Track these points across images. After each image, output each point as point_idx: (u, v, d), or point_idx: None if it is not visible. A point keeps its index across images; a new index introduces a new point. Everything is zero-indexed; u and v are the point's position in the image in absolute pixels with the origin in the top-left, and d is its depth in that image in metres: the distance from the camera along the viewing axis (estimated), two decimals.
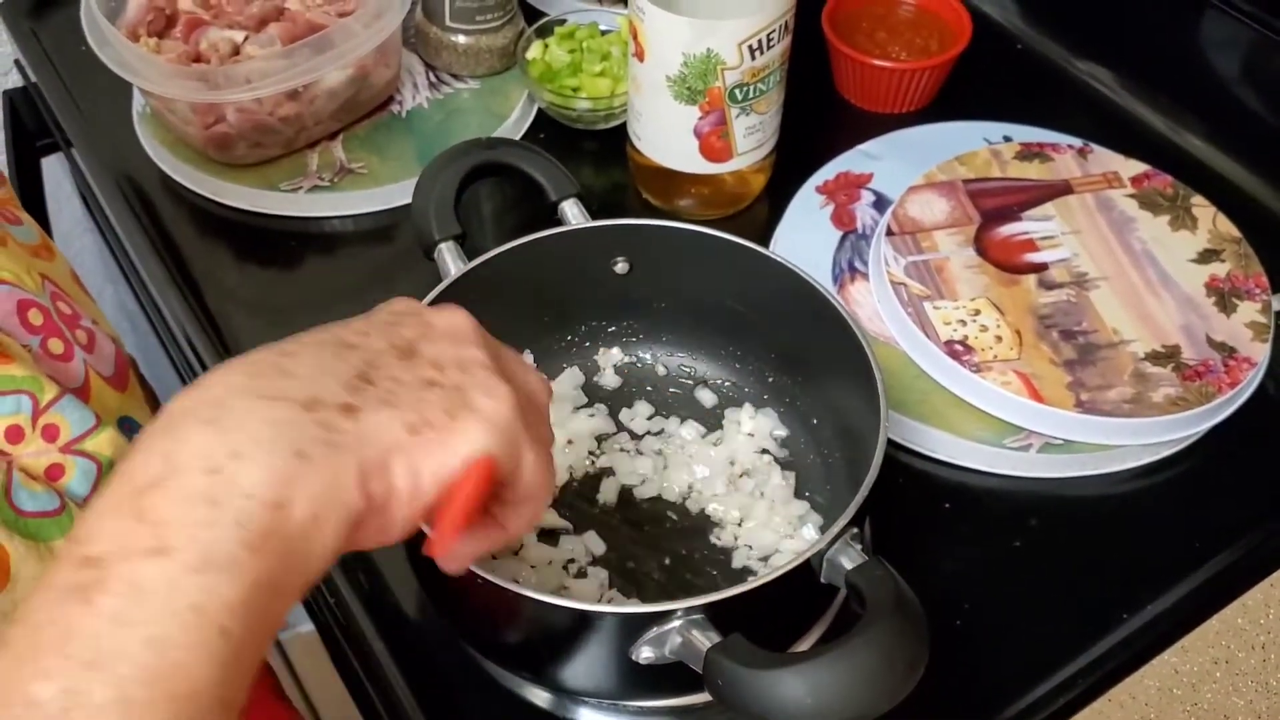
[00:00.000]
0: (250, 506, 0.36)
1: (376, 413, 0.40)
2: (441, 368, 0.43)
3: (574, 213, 0.70)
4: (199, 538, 0.35)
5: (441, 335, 0.45)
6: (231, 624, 0.35)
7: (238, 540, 0.36)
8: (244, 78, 0.77)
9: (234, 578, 0.36)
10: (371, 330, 0.44)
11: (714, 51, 0.72)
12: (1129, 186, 0.79)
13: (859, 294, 0.77)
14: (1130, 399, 0.68)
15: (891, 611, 0.48)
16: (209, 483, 0.36)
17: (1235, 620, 0.65)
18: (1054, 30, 0.95)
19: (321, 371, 0.41)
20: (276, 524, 0.37)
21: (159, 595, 0.35)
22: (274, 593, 0.37)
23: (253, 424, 0.38)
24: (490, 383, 0.44)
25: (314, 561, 0.38)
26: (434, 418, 0.41)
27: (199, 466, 0.37)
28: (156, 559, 0.35)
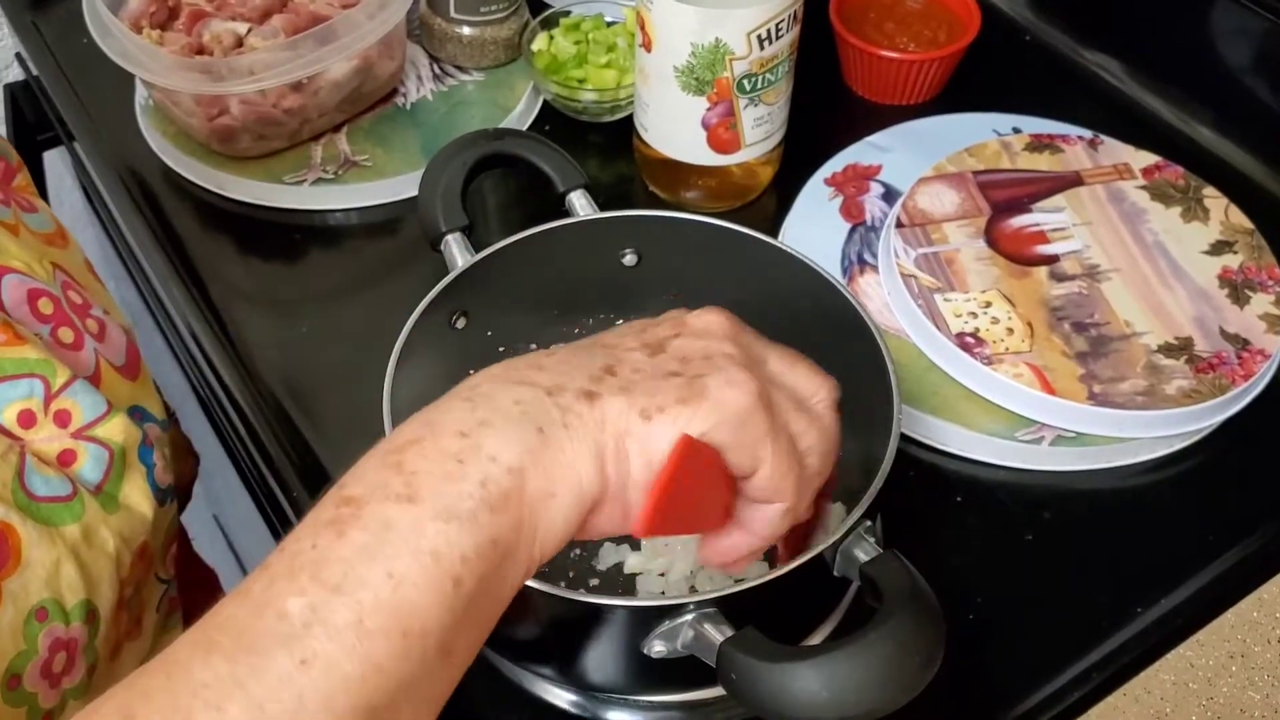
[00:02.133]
0: (493, 469, 0.40)
1: (613, 399, 0.42)
2: (687, 360, 0.45)
3: (582, 204, 0.70)
4: (445, 490, 0.39)
5: (694, 331, 0.47)
6: (465, 575, 0.38)
7: (479, 498, 0.39)
8: (247, 69, 0.77)
9: (472, 532, 0.39)
10: (629, 332, 0.47)
11: (722, 41, 0.71)
12: (1140, 178, 0.79)
13: (868, 286, 0.76)
14: (1143, 391, 0.67)
15: (908, 604, 0.47)
16: (459, 444, 0.40)
17: (1251, 614, 0.64)
18: (1063, 21, 0.94)
19: (570, 366, 0.44)
20: (515, 488, 0.40)
21: (404, 536, 0.38)
22: (506, 557, 0.40)
23: (502, 401, 0.42)
24: (731, 372, 0.44)
25: (547, 535, 0.41)
26: (666, 403, 0.43)
27: (452, 430, 0.41)
28: (405, 504, 0.39)
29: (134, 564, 0.56)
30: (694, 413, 0.43)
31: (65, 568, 0.51)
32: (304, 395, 0.73)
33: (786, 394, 0.47)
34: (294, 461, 0.69)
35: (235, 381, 0.73)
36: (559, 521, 0.41)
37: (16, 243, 0.57)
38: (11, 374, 0.52)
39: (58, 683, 0.51)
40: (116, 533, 0.54)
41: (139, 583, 0.58)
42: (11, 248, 0.57)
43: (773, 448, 0.44)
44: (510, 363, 0.45)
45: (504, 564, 0.40)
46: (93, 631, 0.53)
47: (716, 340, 0.46)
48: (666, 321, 0.48)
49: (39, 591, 0.50)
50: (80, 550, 0.52)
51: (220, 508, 1.20)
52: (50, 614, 0.51)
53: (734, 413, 0.43)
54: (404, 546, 0.38)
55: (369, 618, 0.37)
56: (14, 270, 0.56)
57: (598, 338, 0.47)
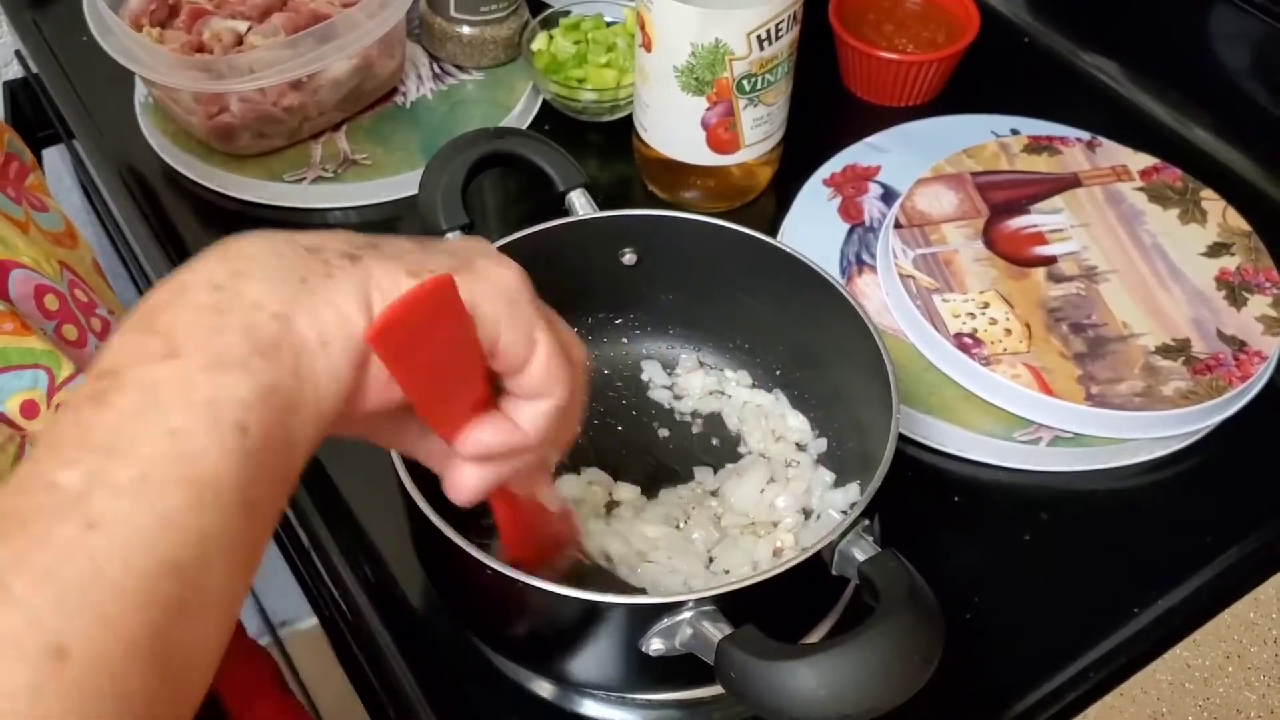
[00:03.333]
0: (258, 317, 0.37)
1: (378, 261, 0.40)
2: (456, 254, 0.42)
3: (581, 203, 0.70)
4: (209, 342, 0.36)
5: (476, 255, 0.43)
6: (248, 420, 0.36)
7: (247, 345, 0.37)
8: (247, 67, 0.77)
9: (246, 377, 0.36)
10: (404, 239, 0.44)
11: (722, 42, 0.71)
12: (1138, 180, 0.79)
13: (867, 287, 0.76)
14: (1140, 392, 0.68)
15: (906, 603, 0.47)
16: (216, 297, 0.37)
17: (1247, 615, 0.64)
18: (1061, 23, 0.94)
19: (330, 238, 0.41)
20: (283, 334, 0.37)
21: (174, 391, 0.35)
22: (290, 407, 0.37)
23: (258, 254, 0.39)
24: (506, 262, 0.42)
25: (327, 385, 0.38)
26: (436, 266, 0.41)
27: (205, 285, 0.38)
28: (169, 361, 0.36)
29: None
30: (463, 278, 0.41)
31: None
32: None
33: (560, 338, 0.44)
34: None
35: None
36: (337, 369, 0.39)
37: (25, 240, 0.58)
38: (17, 364, 0.52)
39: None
40: None
41: None
42: (20, 244, 0.57)
43: (546, 335, 0.43)
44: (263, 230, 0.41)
45: (289, 415, 0.37)
46: None
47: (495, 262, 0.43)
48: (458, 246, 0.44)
49: None
50: None
51: None
52: None
53: (505, 288, 0.42)
54: (176, 400, 0.35)
55: (153, 470, 0.34)
56: (22, 265, 0.56)
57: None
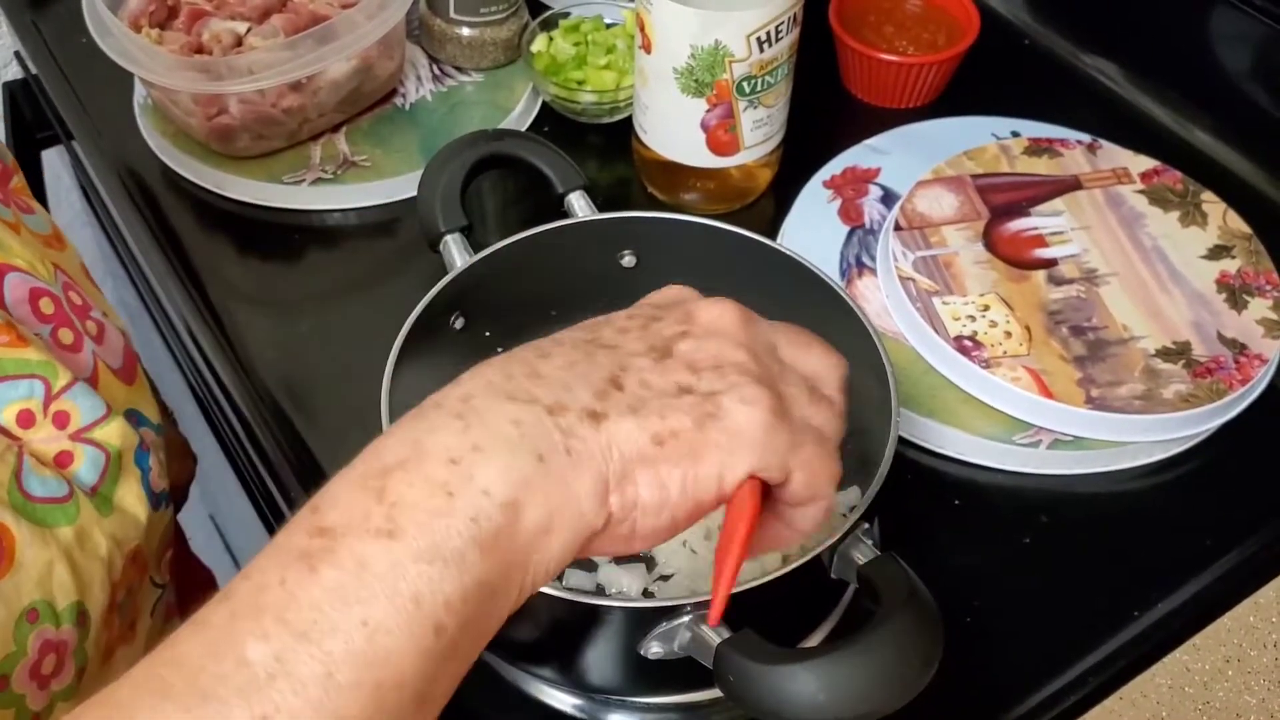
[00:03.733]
0: (486, 503, 0.36)
1: (621, 420, 0.39)
2: (697, 370, 0.41)
3: (581, 205, 0.70)
4: (430, 527, 0.35)
5: (703, 331, 0.43)
6: (448, 621, 0.35)
7: (468, 536, 0.35)
8: (246, 69, 0.77)
9: (458, 574, 0.35)
10: (632, 328, 0.43)
11: (722, 43, 0.71)
12: (1138, 182, 0.79)
13: (867, 289, 0.76)
14: (1141, 395, 0.67)
15: (906, 606, 0.47)
16: (448, 473, 0.36)
17: (1247, 618, 0.64)
18: (1062, 25, 0.94)
19: (573, 375, 0.40)
20: (508, 524, 0.36)
21: (382, 577, 0.34)
22: (494, 596, 0.36)
23: (498, 421, 0.38)
24: (745, 388, 0.41)
25: (537, 571, 0.38)
26: (680, 427, 0.39)
27: (442, 456, 0.37)
28: (386, 540, 0.35)
29: (126, 567, 0.56)
30: (714, 441, 0.40)
31: (58, 569, 0.51)
32: (302, 395, 0.73)
33: (801, 385, 0.44)
34: (291, 462, 0.69)
35: (233, 381, 0.73)
36: (554, 555, 0.38)
37: (19, 242, 0.57)
38: (12, 374, 0.52)
39: (46, 684, 0.51)
40: (109, 536, 0.54)
41: (131, 586, 0.58)
42: (14, 246, 0.57)
43: (800, 456, 0.42)
44: (505, 366, 0.41)
45: (490, 604, 0.37)
46: (83, 634, 0.53)
47: (727, 343, 0.43)
48: (671, 313, 0.44)
49: (31, 592, 0.50)
50: (73, 552, 0.52)
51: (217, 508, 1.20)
52: (41, 615, 0.50)
53: (755, 436, 0.40)
54: (381, 589, 0.34)
55: (339, 670, 0.33)
56: (17, 268, 0.56)
57: (598, 331, 0.43)
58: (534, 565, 0.37)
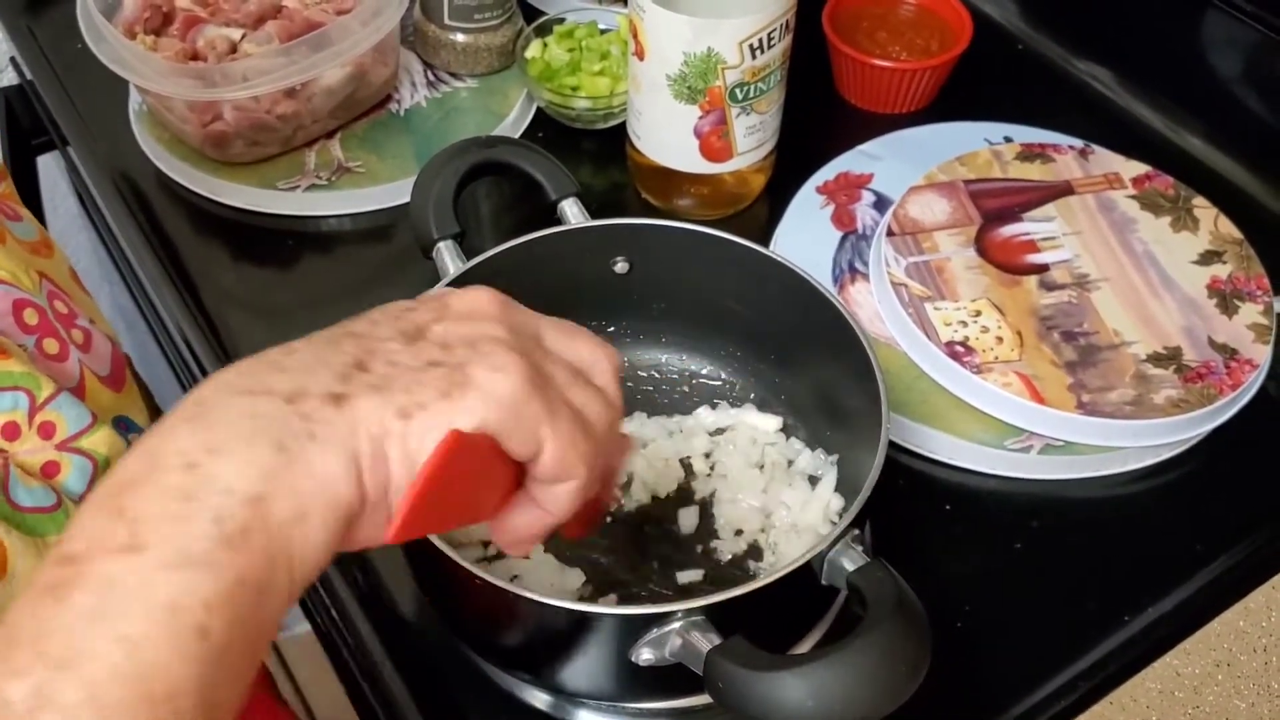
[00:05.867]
0: (228, 502, 0.35)
1: (365, 399, 0.38)
2: (449, 347, 0.41)
3: (573, 212, 0.70)
4: (173, 534, 0.34)
5: (457, 314, 0.42)
6: (211, 623, 0.34)
7: (215, 537, 0.34)
8: (241, 75, 0.77)
9: (212, 575, 0.34)
10: (384, 318, 0.42)
11: (714, 50, 0.72)
12: (1130, 187, 0.79)
13: (859, 295, 0.76)
14: (1131, 401, 0.68)
15: (894, 613, 0.47)
16: (185, 479, 0.35)
17: (1237, 623, 0.64)
18: (1055, 30, 0.95)
19: (315, 363, 0.39)
20: (257, 520, 0.35)
21: (131, 593, 0.33)
22: (260, 592, 0.35)
23: (233, 419, 0.37)
24: (496, 355, 0.40)
25: (304, 560, 0.37)
26: (426, 399, 0.38)
27: (177, 463, 0.36)
28: (129, 555, 0.34)
29: None
30: (458, 406, 0.39)
31: None
32: None
33: (564, 367, 0.43)
34: None
35: None
36: (316, 543, 0.37)
37: (3, 251, 0.57)
38: None
39: None
40: None
41: None
42: None
43: (552, 428, 0.41)
44: (245, 363, 0.39)
45: (257, 601, 0.35)
46: None
47: (482, 322, 0.42)
48: (427, 304, 0.43)
49: None
50: None
51: None
52: None
53: (504, 399, 0.39)
54: (132, 604, 0.33)
55: (105, 691, 0.32)
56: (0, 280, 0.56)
57: (349, 325, 0.42)
58: (296, 556, 0.36)
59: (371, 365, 0.39)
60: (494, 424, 0.39)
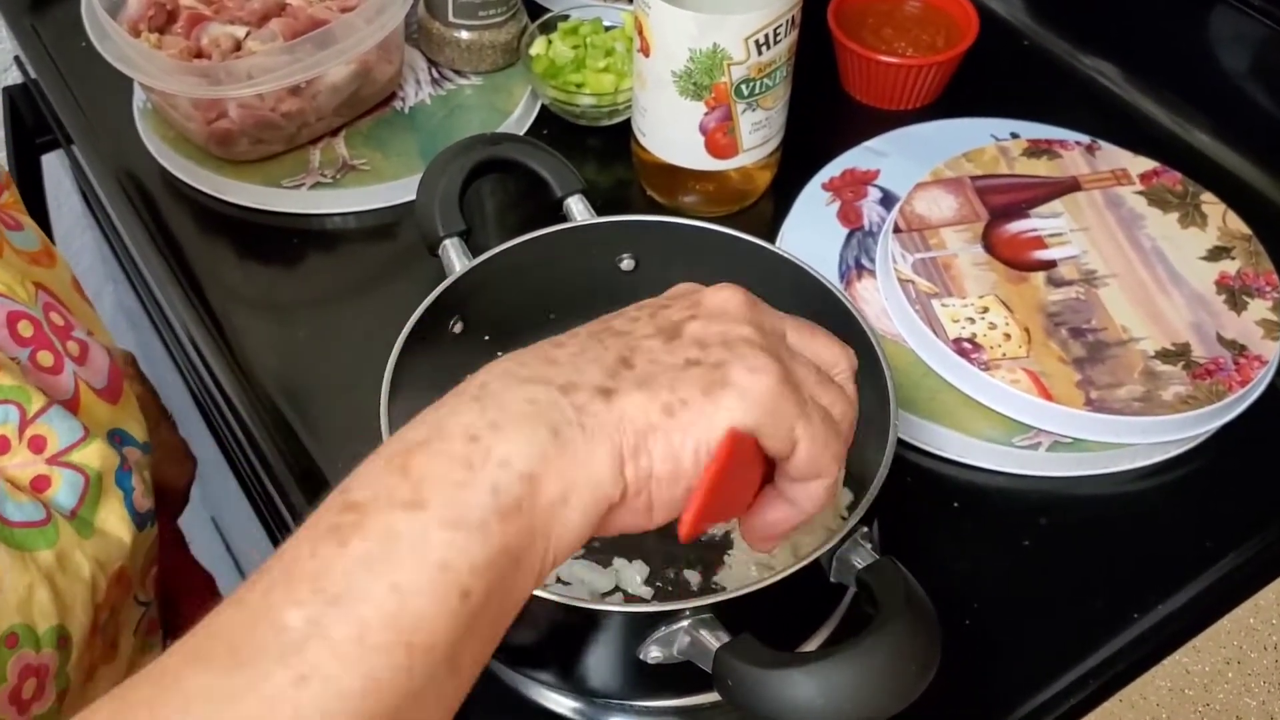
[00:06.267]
0: (505, 475, 0.38)
1: (631, 395, 0.41)
2: (705, 346, 0.43)
3: (579, 209, 0.70)
4: (454, 497, 0.37)
5: (709, 313, 0.45)
6: (474, 585, 0.37)
7: (490, 505, 0.37)
8: (246, 73, 0.77)
9: (482, 540, 0.37)
10: (641, 315, 0.45)
11: (720, 47, 0.71)
12: (1138, 183, 0.79)
13: (866, 291, 0.76)
14: (1140, 397, 0.67)
15: (904, 611, 0.47)
16: (468, 449, 0.38)
17: (1247, 620, 0.64)
18: (1061, 26, 0.94)
19: (584, 358, 0.42)
20: (527, 495, 0.38)
21: (409, 546, 0.36)
22: (516, 565, 0.38)
23: (512, 402, 0.40)
24: (752, 357, 0.42)
25: (559, 541, 0.39)
26: (689, 396, 0.41)
27: (461, 434, 0.39)
28: (412, 511, 0.37)
29: (110, 588, 0.55)
30: (719, 405, 0.41)
31: (38, 593, 0.51)
32: (301, 399, 0.73)
33: (809, 367, 0.45)
34: (291, 465, 0.69)
35: (233, 385, 0.73)
36: (574, 527, 0.39)
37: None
38: None
39: (26, 709, 0.50)
40: (92, 558, 0.54)
41: (115, 606, 0.58)
42: None
43: (806, 427, 0.43)
44: (521, 355, 0.43)
45: (514, 572, 0.38)
46: (65, 657, 0.52)
47: (733, 322, 0.44)
48: (679, 301, 0.46)
49: (10, 617, 0.50)
50: (54, 576, 0.51)
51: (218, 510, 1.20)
52: (21, 640, 0.50)
53: (761, 399, 0.41)
54: (409, 556, 0.36)
55: (371, 632, 0.35)
56: None
57: (609, 322, 0.45)
58: (555, 535, 0.39)
59: (635, 362, 0.42)
60: (753, 422, 0.42)
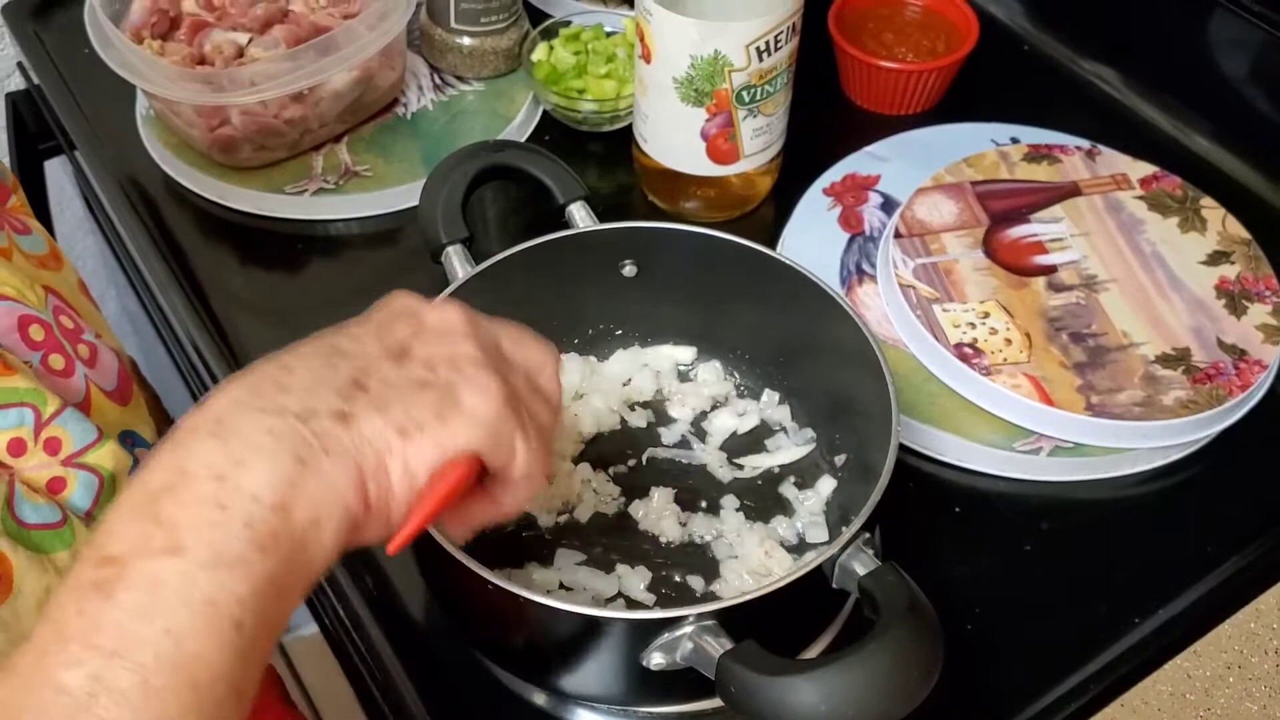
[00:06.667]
0: (257, 509, 0.39)
1: (369, 419, 0.42)
2: (433, 367, 0.45)
3: (581, 215, 0.70)
4: (210, 538, 0.38)
5: (433, 333, 0.46)
6: (244, 617, 0.38)
7: (246, 540, 0.39)
8: (248, 80, 0.77)
9: (245, 574, 0.38)
10: (365, 335, 0.46)
11: (721, 53, 0.72)
12: (1138, 188, 0.79)
13: (867, 296, 0.76)
14: (1140, 402, 0.68)
15: (905, 617, 0.47)
16: (217, 488, 0.39)
17: (1248, 625, 0.64)
18: (1061, 31, 0.94)
19: (317, 382, 0.43)
20: (281, 525, 0.39)
21: (175, 590, 0.37)
22: (281, 590, 0.40)
23: (254, 435, 0.40)
24: (479, 379, 0.45)
25: (316, 561, 0.41)
26: (424, 419, 0.43)
27: (206, 474, 0.39)
28: (172, 557, 0.38)
29: None
30: (450, 428, 0.43)
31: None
32: None
33: (523, 377, 0.48)
34: None
35: None
36: (329, 544, 0.41)
37: (9, 268, 0.57)
38: (1, 403, 0.52)
39: None
40: None
41: None
42: (3, 273, 0.57)
43: (523, 441, 0.46)
44: (248, 381, 0.43)
45: (280, 598, 0.40)
46: None
47: (458, 340, 0.46)
48: (402, 321, 0.47)
49: (31, 618, 0.50)
50: None
51: None
52: None
53: (489, 421, 0.44)
54: (176, 599, 0.37)
55: (154, 677, 0.36)
56: (6, 297, 0.56)
57: (332, 339, 0.46)
58: (312, 555, 0.41)
59: (369, 384, 0.43)
60: (480, 444, 0.44)
